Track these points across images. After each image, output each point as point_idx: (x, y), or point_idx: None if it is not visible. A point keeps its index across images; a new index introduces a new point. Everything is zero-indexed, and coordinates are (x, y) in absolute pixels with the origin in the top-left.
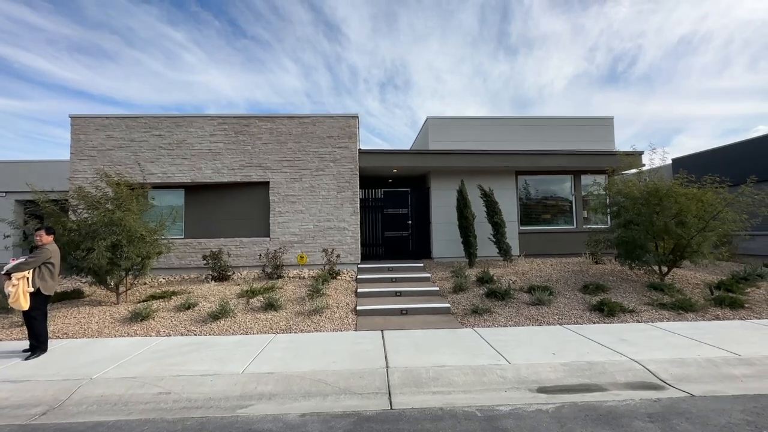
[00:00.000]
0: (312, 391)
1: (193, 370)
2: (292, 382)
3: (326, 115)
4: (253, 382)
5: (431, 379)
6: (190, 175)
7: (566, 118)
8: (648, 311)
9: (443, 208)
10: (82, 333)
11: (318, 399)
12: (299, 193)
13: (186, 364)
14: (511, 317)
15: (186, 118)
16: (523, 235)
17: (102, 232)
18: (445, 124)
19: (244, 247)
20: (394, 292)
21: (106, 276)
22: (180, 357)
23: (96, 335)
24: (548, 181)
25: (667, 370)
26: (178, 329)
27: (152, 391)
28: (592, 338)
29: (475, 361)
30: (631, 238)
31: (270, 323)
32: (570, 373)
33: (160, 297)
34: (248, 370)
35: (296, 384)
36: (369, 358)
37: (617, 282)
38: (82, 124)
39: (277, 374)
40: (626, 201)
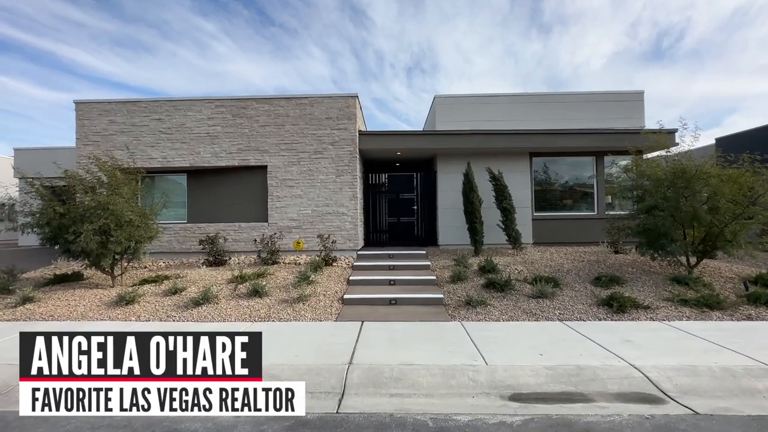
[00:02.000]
0: None
1: None
2: None
3: (324, 96)
4: None
5: (393, 379)
6: (189, 159)
7: (589, 93)
8: (666, 308)
9: (450, 193)
10: (66, 316)
11: None
12: (297, 177)
13: None
14: (507, 311)
15: (184, 101)
16: (537, 222)
17: (89, 215)
18: (453, 103)
19: (243, 232)
20: (387, 281)
21: (98, 259)
22: None
23: (79, 318)
24: (566, 163)
25: (672, 380)
26: (158, 314)
27: None
28: (592, 337)
29: (448, 360)
30: (654, 225)
31: (251, 310)
32: (553, 378)
33: (153, 281)
34: None
35: None
36: (335, 353)
37: (636, 274)
38: (85, 109)
39: None
40: (649, 184)
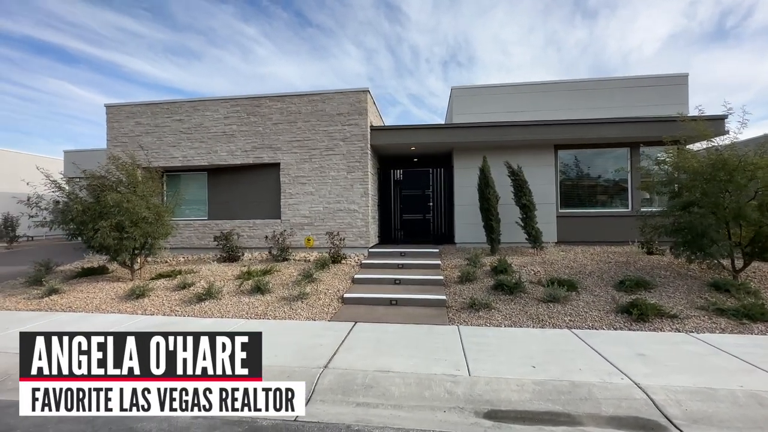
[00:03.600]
0: None
1: None
2: None
3: (335, 91)
4: None
5: (365, 386)
6: (207, 158)
7: (623, 79)
8: (697, 318)
9: (468, 189)
10: (83, 307)
11: None
12: (309, 174)
13: None
14: (512, 315)
15: (202, 101)
16: (562, 219)
17: (106, 213)
18: (471, 95)
19: (257, 228)
20: (393, 280)
21: (116, 254)
22: None
23: (93, 311)
24: (596, 155)
25: (682, 404)
26: (163, 309)
27: None
28: (599, 349)
29: (429, 369)
30: (691, 224)
31: (249, 307)
32: (540, 395)
33: (167, 276)
34: None
35: None
36: (314, 355)
37: (669, 278)
38: (115, 112)
39: None
40: (685, 177)
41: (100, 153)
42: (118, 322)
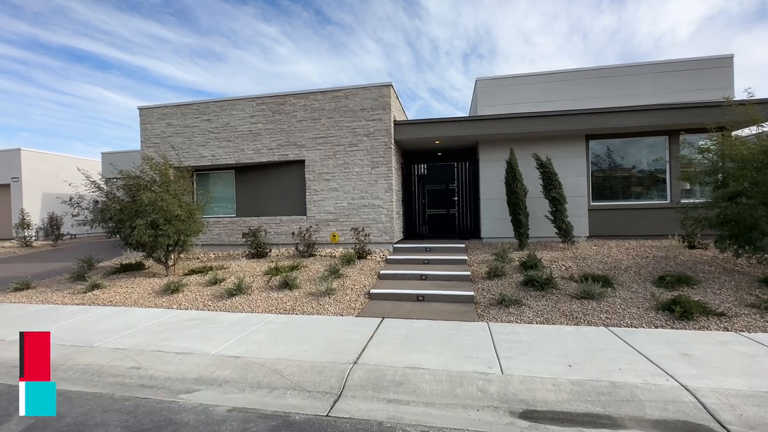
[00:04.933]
0: (263, 382)
1: (175, 347)
2: (250, 369)
3: (358, 87)
4: (216, 365)
5: (395, 383)
6: (234, 156)
7: (659, 63)
8: (747, 316)
9: (494, 183)
10: (122, 302)
11: (262, 392)
12: (333, 170)
13: (174, 339)
14: (543, 312)
15: (229, 101)
16: (594, 212)
17: (142, 211)
18: (496, 86)
19: (284, 225)
20: (419, 276)
21: (152, 251)
22: (176, 331)
23: (132, 305)
24: (631, 144)
25: (736, 409)
26: (196, 303)
27: (128, 364)
28: (640, 349)
29: (459, 366)
30: (738, 215)
31: (278, 302)
32: (578, 395)
33: (200, 271)
34: (220, 352)
35: (253, 372)
36: (343, 350)
37: (714, 274)
38: (147, 114)
39: (243, 359)
40: (733, 166)
41: (134, 154)
42: (153, 316)
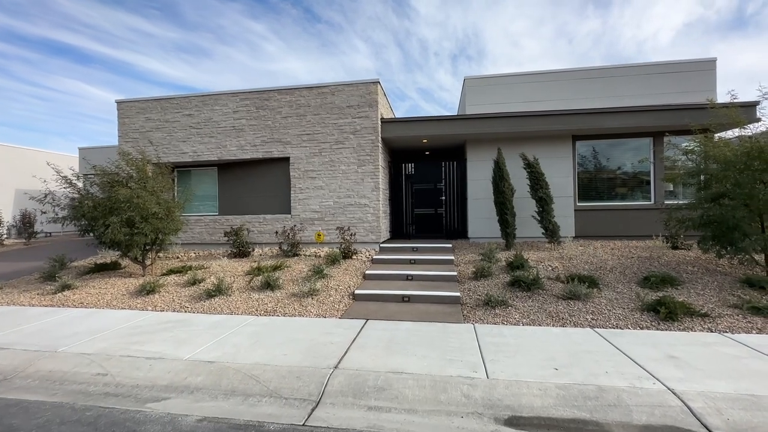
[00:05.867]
0: (238, 389)
1: (146, 351)
2: (224, 375)
3: (345, 83)
4: (188, 371)
5: (377, 389)
6: (217, 153)
7: (645, 65)
8: (730, 316)
9: (481, 182)
10: (94, 303)
11: (236, 400)
12: (319, 168)
13: (146, 344)
14: (530, 313)
15: (212, 96)
16: (581, 213)
17: (116, 209)
18: (484, 85)
19: (268, 224)
20: (405, 276)
21: (127, 249)
22: (149, 335)
23: (105, 306)
24: (617, 146)
25: (723, 413)
26: (173, 305)
27: (93, 370)
28: (626, 350)
29: (444, 370)
30: (722, 216)
31: (259, 304)
32: (564, 400)
33: (178, 271)
34: (194, 356)
35: (227, 378)
36: (324, 354)
37: (697, 274)
38: (125, 108)
39: (218, 364)
40: (716, 167)
41: (113, 150)
42: (126, 318)
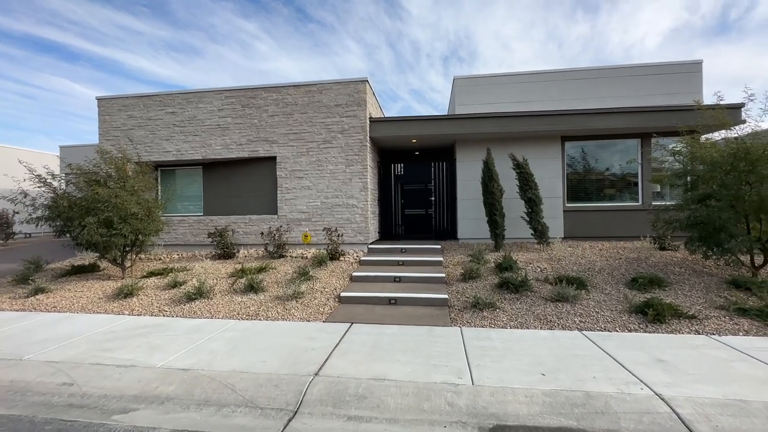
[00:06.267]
0: (211, 398)
1: (117, 359)
2: (198, 383)
3: (333, 81)
4: (160, 379)
5: (358, 397)
6: (201, 151)
7: (633, 67)
8: (717, 318)
9: (471, 183)
10: (68, 307)
11: (209, 411)
12: (306, 167)
13: (118, 351)
14: (518, 316)
15: (196, 93)
16: (569, 214)
17: (93, 208)
18: (474, 85)
19: (253, 224)
20: (393, 278)
21: (105, 251)
22: (123, 341)
23: (79, 311)
24: (605, 147)
25: (711, 420)
26: (151, 309)
27: (59, 380)
28: (614, 354)
29: (428, 376)
30: (708, 217)
31: (241, 307)
32: (552, 407)
33: (159, 273)
34: (168, 364)
35: (201, 387)
36: (305, 360)
37: (684, 275)
38: (106, 105)
39: (192, 372)
40: (703, 169)
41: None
42: (101, 323)
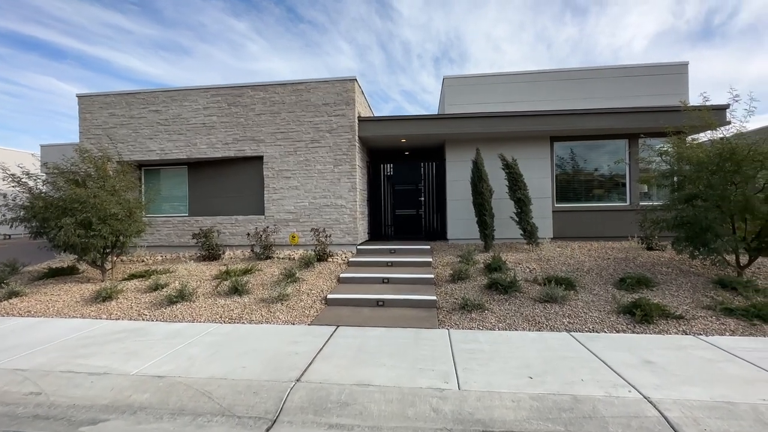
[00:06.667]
0: (187, 407)
1: (90, 366)
2: (174, 391)
3: (321, 80)
4: (134, 387)
5: (340, 404)
6: (186, 151)
7: (621, 68)
8: (704, 318)
9: (460, 183)
10: (43, 312)
11: (183, 420)
12: (294, 167)
13: (92, 357)
14: (506, 317)
15: (180, 91)
16: (558, 214)
17: (70, 209)
18: (464, 84)
19: (240, 225)
20: (381, 279)
21: (83, 253)
22: (98, 347)
23: (55, 315)
24: (594, 147)
25: (700, 423)
26: (130, 312)
27: (26, 389)
28: (602, 356)
29: (413, 381)
30: (695, 218)
31: (224, 310)
32: (539, 412)
33: (140, 276)
34: (143, 371)
35: (177, 395)
36: (287, 365)
37: (671, 275)
38: (87, 102)
39: (168, 379)
40: (689, 169)
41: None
42: (76, 328)
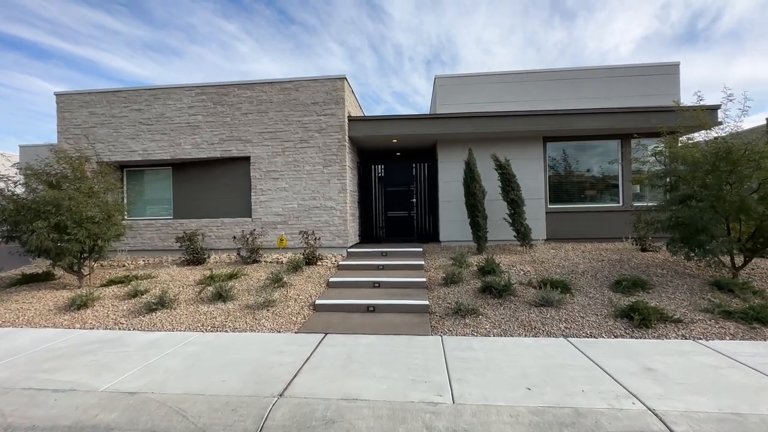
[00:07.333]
0: (158, 427)
1: (56, 381)
2: (145, 410)
3: (310, 79)
4: (102, 405)
5: (325, 422)
6: (170, 151)
7: (613, 68)
8: (703, 322)
9: (453, 184)
10: (12, 322)
11: None
12: (282, 168)
13: (59, 371)
14: (501, 323)
15: (164, 89)
16: (552, 215)
17: (44, 212)
18: (455, 84)
19: (226, 228)
20: (372, 283)
21: (57, 258)
22: (67, 359)
23: (25, 324)
24: (586, 148)
25: None
26: (106, 321)
27: None
28: (601, 363)
29: (405, 394)
30: (690, 218)
31: (206, 317)
32: (539, 428)
33: (120, 282)
34: (113, 386)
35: (148, 414)
36: (270, 378)
37: (667, 277)
38: (66, 101)
39: (140, 396)
40: (684, 169)
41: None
42: (45, 339)
